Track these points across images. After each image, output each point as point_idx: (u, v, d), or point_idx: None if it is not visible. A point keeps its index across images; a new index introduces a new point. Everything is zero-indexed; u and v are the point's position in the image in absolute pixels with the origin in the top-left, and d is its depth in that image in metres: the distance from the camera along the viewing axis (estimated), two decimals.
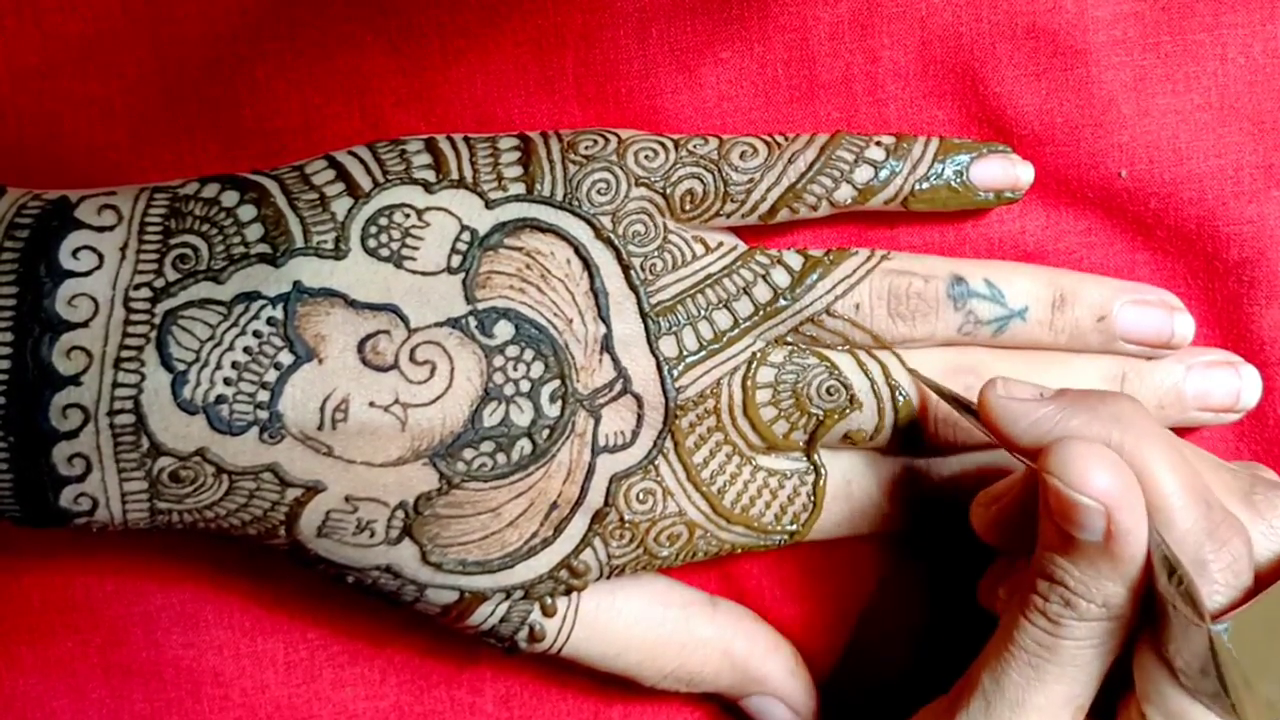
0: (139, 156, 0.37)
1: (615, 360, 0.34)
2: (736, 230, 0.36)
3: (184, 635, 0.38)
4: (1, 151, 0.36)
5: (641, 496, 0.35)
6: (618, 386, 0.34)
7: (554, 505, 0.34)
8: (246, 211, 0.32)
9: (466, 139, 0.34)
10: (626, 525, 0.35)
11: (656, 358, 0.34)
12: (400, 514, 0.33)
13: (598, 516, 0.35)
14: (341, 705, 0.39)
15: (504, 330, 0.33)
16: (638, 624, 0.36)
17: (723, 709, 0.40)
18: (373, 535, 0.33)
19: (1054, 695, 0.31)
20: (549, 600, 0.35)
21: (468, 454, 0.33)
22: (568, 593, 0.36)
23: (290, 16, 0.36)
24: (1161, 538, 0.29)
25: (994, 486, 0.34)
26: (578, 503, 0.34)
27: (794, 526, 0.36)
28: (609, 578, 0.36)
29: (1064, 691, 0.31)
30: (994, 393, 0.32)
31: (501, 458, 0.33)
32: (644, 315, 0.34)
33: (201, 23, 0.36)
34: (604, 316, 0.34)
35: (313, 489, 0.32)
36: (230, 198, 0.32)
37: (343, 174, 0.33)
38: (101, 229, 0.32)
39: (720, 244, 0.35)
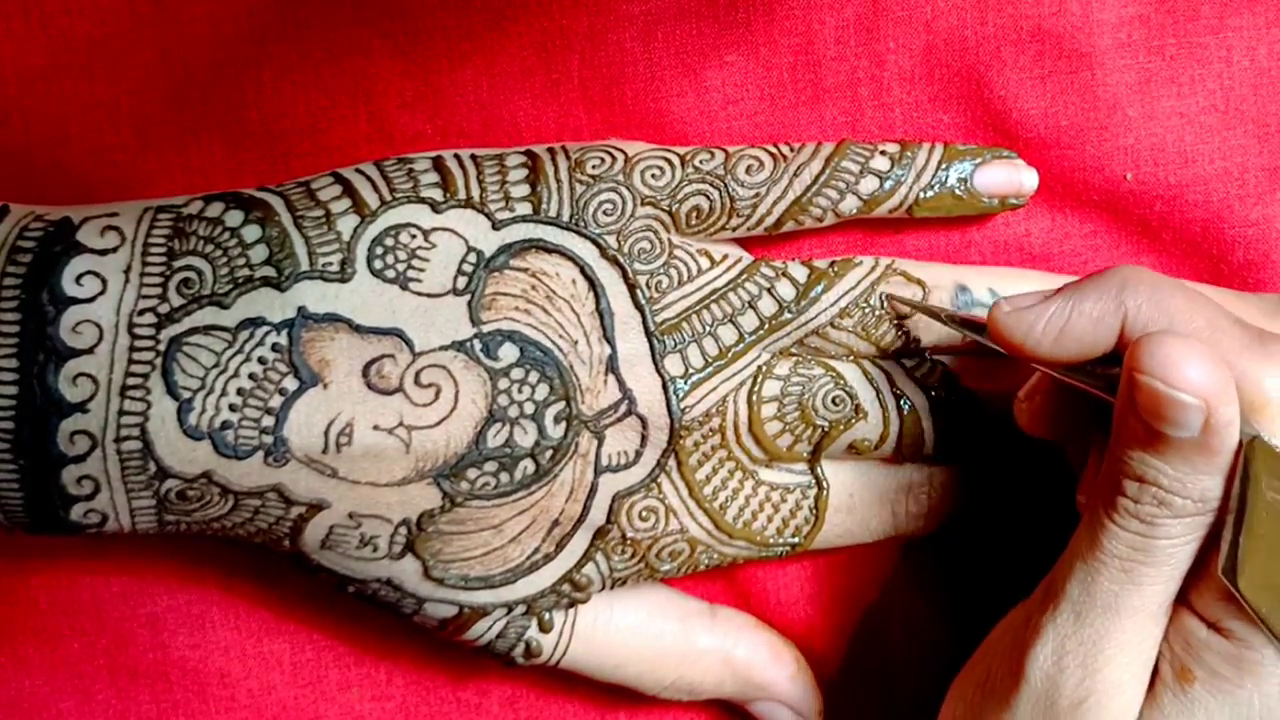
0: (145, 159, 0.37)
1: (620, 381, 0.34)
2: (742, 239, 0.36)
3: (190, 637, 0.38)
4: (8, 154, 0.36)
5: (644, 514, 0.35)
6: (623, 408, 0.34)
7: (556, 522, 0.34)
8: (251, 232, 0.32)
9: (474, 156, 0.34)
10: (628, 542, 0.35)
11: (662, 377, 0.34)
12: (403, 530, 0.33)
13: (600, 533, 0.35)
14: (348, 706, 0.39)
15: (509, 353, 0.33)
16: (635, 637, 0.36)
17: (728, 711, 0.40)
18: (375, 550, 0.33)
19: (1149, 596, 0.30)
20: (546, 616, 0.35)
21: (471, 473, 0.33)
22: (570, 605, 0.36)
23: (296, 19, 0.36)
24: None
25: (1031, 381, 0.34)
26: (579, 520, 0.34)
27: (796, 539, 0.36)
28: (611, 589, 0.36)
29: (1160, 591, 0.30)
30: (1001, 311, 0.31)
31: (505, 477, 0.33)
32: (649, 334, 0.34)
33: (208, 25, 0.36)
34: (609, 337, 0.34)
35: (317, 506, 0.32)
36: (234, 217, 0.32)
37: (349, 190, 0.33)
38: (104, 251, 0.31)
39: (725, 256, 0.35)
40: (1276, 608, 0.29)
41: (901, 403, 0.35)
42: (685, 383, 0.34)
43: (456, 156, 0.34)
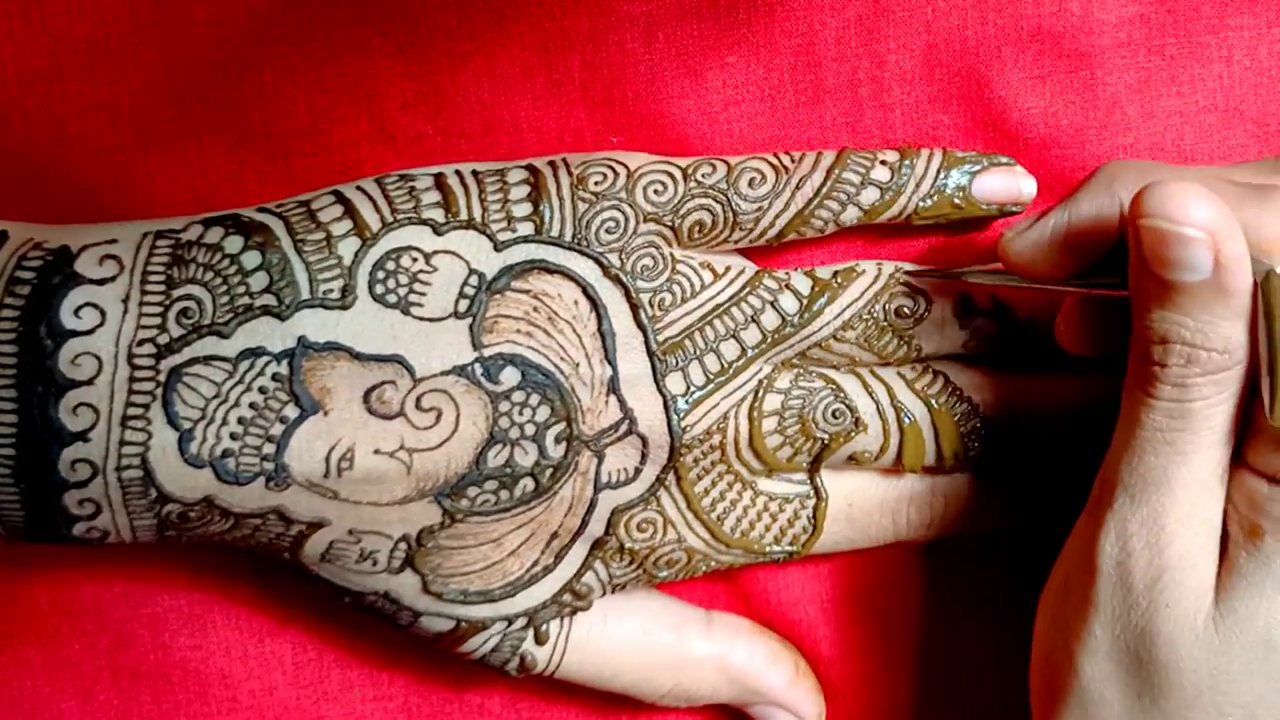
0: (146, 160, 0.37)
1: (622, 402, 0.34)
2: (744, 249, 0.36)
3: (191, 637, 0.39)
4: (8, 155, 0.36)
5: (641, 526, 0.35)
6: (623, 428, 0.34)
7: (554, 535, 0.34)
8: (251, 259, 0.32)
9: (475, 173, 0.34)
10: (626, 552, 0.35)
11: (663, 396, 0.34)
12: (403, 545, 0.33)
13: (598, 544, 0.35)
14: (350, 707, 0.39)
15: (510, 376, 0.33)
16: (630, 647, 0.37)
17: (730, 714, 0.40)
18: (375, 564, 0.33)
19: (1197, 465, 0.30)
20: (543, 628, 0.35)
21: (471, 491, 0.33)
22: (573, 614, 0.36)
23: (298, 19, 0.36)
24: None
25: (1063, 306, 0.34)
26: (578, 533, 0.34)
27: (793, 548, 0.36)
28: (611, 594, 0.36)
29: (1207, 458, 0.30)
30: (1006, 239, 0.33)
31: (505, 494, 0.33)
32: (651, 354, 0.34)
33: (209, 26, 0.36)
34: (610, 359, 0.34)
35: (317, 525, 0.33)
36: (234, 244, 0.32)
37: (350, 211, 0.33)
38: (103, 281, 0.31)
39: (728, 268, 0.35)
40: None
41: (903, 416, 0.35)
42: (686, 401, 0.34)
43: (458, 173, 0.34)
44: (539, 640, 0.36)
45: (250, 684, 0.39)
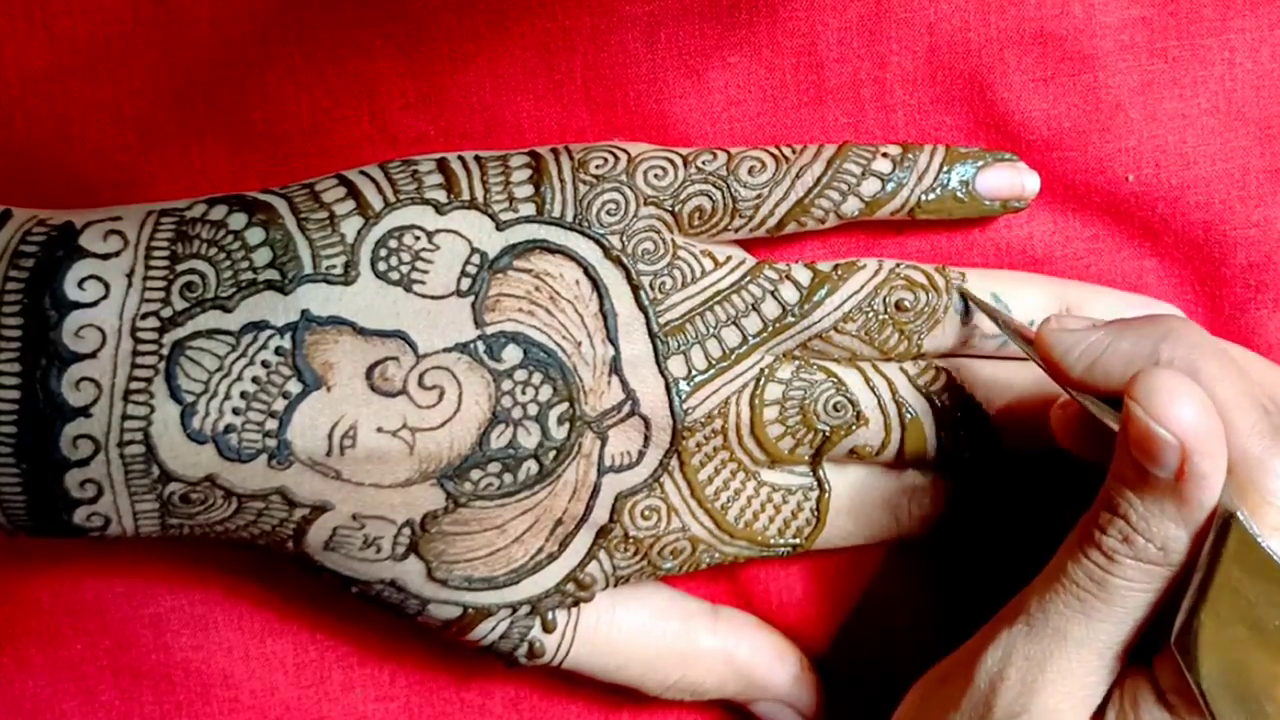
0: (148, 160, 0.37)
1: (624, 382, 0.34)
2: (745, 240, 0.36)
3: (193, 637, 0.39)
4: (10, 155, 0.36)
5: (646, 513, 0.35)
6: (626, 408, 0.34)
7: (559, 521, 0.34)
8: (255, 235, 0.32)
9: (478, 157, 0.34)
10: (630, 540, 0.35)
11: (665, 379, 0.34)
12: (407, 531, 0.33)
13: (602, 532, 0.35)
14: (351, 707, 0.39)
15: (513, 354, 0.33)
16: (638, 638, 0.37)
17: (731, 711, 0.40)
18: (379, 551, 0.33)
19: (1096, 633, 0.30)
20: (549, 616, 0.35)
21: (475, 474, 0.33)
22: (575, 604, 0.36)
23: (299, 20, 0.36)
24: (1234, 499, 0.29)
25: (1067, 395, 0.34)
26: (582, 519, 0.34)
27: (797, 540, 0.36)
28: (614, 586, 0.36)
29: (1108, 631, 0.30)
30: (1049, 327, 0.32)
31: (508, 478, 0.33)
32: (652, 336, 0.34)
33: (211, 26, 0.36)
34: (612, 339, 0.34)
35: (320, 508, 0.32)
36: (238, 220, 0.32)
37: (353, 192, 0.33)
38: (107, 255, 0.31)
39: (729, 258, 0.35)
40: (1225, 697, 0.28)
41: (904, 411, 0.35)
42: (688, 384, 0.34)
43: (460, 158, 0.34)
44: (546, 629, 0.36)
45: (252, 684, 0.39)
